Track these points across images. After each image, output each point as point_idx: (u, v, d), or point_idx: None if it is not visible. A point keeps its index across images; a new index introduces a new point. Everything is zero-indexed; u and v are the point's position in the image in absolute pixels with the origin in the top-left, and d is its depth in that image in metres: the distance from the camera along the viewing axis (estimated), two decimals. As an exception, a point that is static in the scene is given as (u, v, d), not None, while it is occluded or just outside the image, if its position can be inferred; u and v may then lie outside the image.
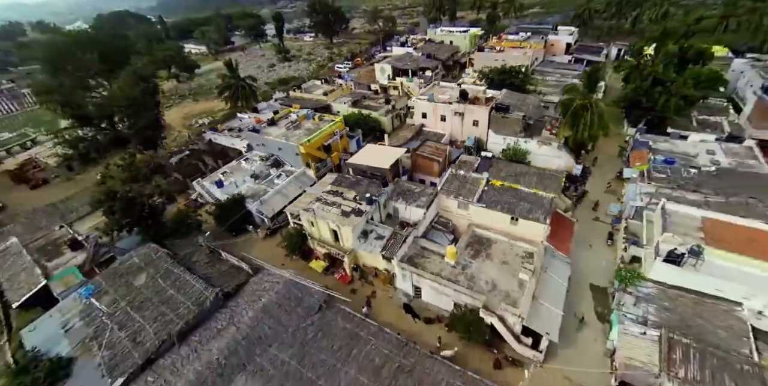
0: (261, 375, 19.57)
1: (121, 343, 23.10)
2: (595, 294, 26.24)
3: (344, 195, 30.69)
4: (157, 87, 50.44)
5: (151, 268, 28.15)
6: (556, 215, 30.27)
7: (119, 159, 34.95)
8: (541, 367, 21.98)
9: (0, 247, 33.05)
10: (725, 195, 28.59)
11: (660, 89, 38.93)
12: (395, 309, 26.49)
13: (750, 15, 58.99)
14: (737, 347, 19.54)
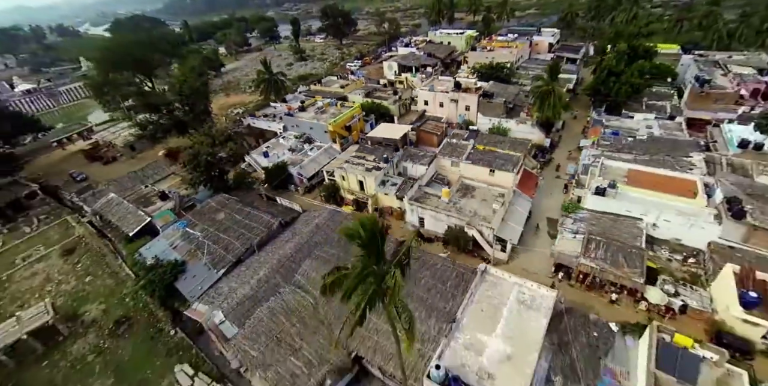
0: (320, 259, 29.85)
1: (216, 251, 33.47)
2: (550, 222, 36.42)
3: (366, 158, 41.06)
4: (208, 80, 60.99)
5: (226, 208, 38.58)
6: (525, 171, 40.57)
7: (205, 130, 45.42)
8: (506, 264, 32.21)
9: (103, 200, 43.65)
10: (649, 154, 38.75)
11: (613, 79, 49.01)
12: (406, 235, 36.72)
13: (704, 18, 69.09)
14: (632, 242, 29.69)
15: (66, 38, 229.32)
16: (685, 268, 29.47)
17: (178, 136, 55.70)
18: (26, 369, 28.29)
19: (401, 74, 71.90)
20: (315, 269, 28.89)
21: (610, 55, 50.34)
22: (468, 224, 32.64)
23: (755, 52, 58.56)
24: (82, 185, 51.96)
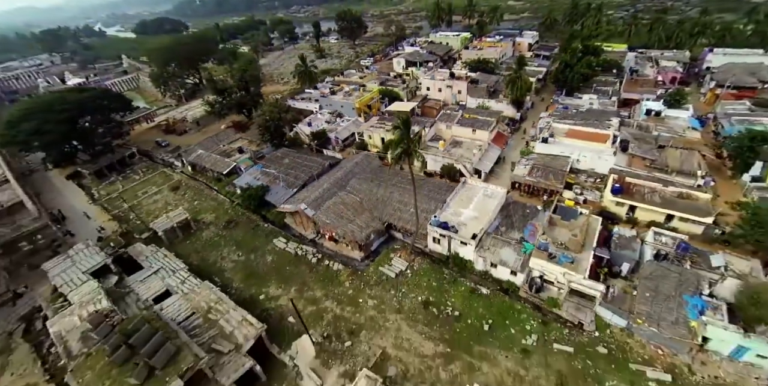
0: (360, 178, 46.60)
1: (287, 179, 50.19)
2: (512, 164, 53.13)
3: (385, 124, 57.81)
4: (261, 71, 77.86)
5: (289, 156, 55.40)
6: (499, 133, 57.30)
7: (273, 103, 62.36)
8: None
9: (194, 155, 60.47)
10: (584, 120, 55.42)
11: (569, 70, 65.73)
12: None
13: (653, 23, 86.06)
14: (561, 168, 46.30)
15: (93, 38, 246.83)
16: (594, 184, 46.11)
17: (237, 113, 72.47)
18: (176, 245, 44.92)
19: (408, 68, 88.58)
20: (359, 183, 45.69)
21: (567, 53, 67.05)
22: (456, 161, 49.41)
23: (684, 50, 75.44)
24: (166, 149, 68.97)
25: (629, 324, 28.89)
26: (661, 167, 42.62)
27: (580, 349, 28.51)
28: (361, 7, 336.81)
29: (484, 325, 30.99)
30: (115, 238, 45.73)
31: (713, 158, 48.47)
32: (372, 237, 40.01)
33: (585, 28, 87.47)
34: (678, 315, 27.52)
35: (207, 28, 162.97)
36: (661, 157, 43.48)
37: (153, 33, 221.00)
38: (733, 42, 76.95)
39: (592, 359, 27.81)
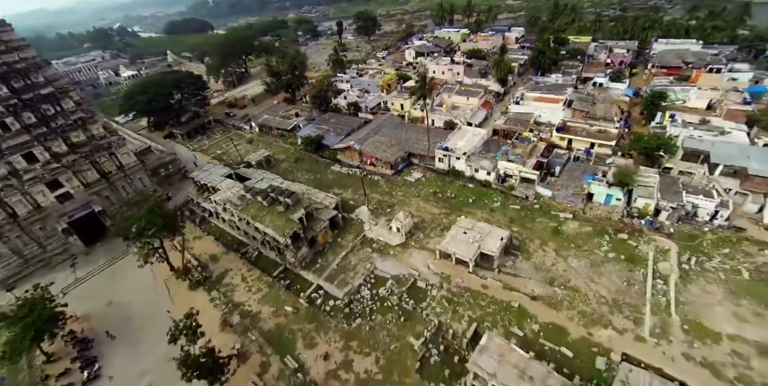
0: (389, 129, 67.76)
1: (336, 130, 71.41)
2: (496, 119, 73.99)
3: (403, 95, 78.91)
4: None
5: (333, 118, 76.64)
6: (486, 101, 78.23)
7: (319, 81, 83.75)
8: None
9: (261, 119, 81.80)
10: (548, 90, 76.08)
11: (541, 56, 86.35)
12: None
13: (618, 19, 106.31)
14: (526, 120, 67.07)
15: (127, 38, 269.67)
16: (549, 130, 66.77)
17: (285, 92, 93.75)
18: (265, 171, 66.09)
19: (417, 58, 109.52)
20: (387, 131, 66.91)
21: (541, 43, 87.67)
22: (454, 118, 70.41)
23: (634, 41, 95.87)
24: (234, 118, 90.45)
25: (553, 193, 49.77)
26: (591, 116, 63.29)
27: (524, 207, 49.42)
28: (369, 7, 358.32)
29: (469, 200, 51.98)
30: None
31: (638, 114, 69.14)
32: (398, 160, 61.13)
33: (558, 25, 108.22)
34: (578, 184, 48.41)
35: (242, 27, 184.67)
36: (592, 110, 64.15)
37: (182, 32, 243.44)
38: (676, 34, 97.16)
39: (531, 211, 48.70)
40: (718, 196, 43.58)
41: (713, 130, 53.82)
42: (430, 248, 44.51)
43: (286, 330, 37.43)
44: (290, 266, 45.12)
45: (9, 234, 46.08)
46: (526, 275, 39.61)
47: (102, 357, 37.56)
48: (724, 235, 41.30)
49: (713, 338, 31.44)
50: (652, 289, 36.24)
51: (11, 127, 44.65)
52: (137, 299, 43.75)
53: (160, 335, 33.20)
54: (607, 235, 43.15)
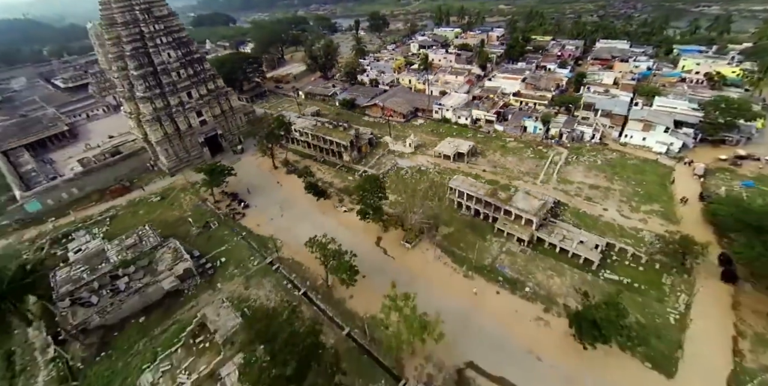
0: (400, 93, 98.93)
1: (363, 95, 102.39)
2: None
3: (410, 73, 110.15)
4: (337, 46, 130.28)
5: (360, 88, 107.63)
6: (469, 79, 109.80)
7: (347, 61, 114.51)
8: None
9: (307, 88, 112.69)
10: (513, 73, 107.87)
11: (512, 50, 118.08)
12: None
13: (575, 23, 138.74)
14: (498, 92, 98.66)
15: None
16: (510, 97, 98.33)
17: (320, 71, 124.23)
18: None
19: (420, 50, 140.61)
20: (400, 95, 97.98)
21: (512, 40, 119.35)
22: (446, 88, 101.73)
23: (580, 40, 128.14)
24: (282, 90, 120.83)
25: (504, 128, 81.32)
26: (537, 87, 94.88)
27: (486, 136, 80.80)
28: (374, 7, 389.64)
29: (452, 133, 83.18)
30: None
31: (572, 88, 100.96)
32: (408, 112, 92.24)
33: (528, 27, 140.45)
34: (519, 123, 79.98)
35: (273, 21, 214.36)
36: (538, 83, 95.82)
37: (209, 25, 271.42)
38: (615, 36, 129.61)
39: (490, 138, 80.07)
40: (596, 128, 75.33)
41: (608, 95, 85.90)
42: (428, 154, 75.61)
43: (350, 186, 68.09)
44: (346, 164, 75.87)
45: (174, 142, 76.19)
46: (482, 164, 70.86)
47: (247, 199, 67.90)
48: (595, 147, 72.99)
49: (570, 182, 63.04)
50: (547, 168, 67.76)
51: (181, 75, 74.74)
52: (254, 179, 73.92)
53: (274, 190, 63.88)
54: (531, 147, 74.70)
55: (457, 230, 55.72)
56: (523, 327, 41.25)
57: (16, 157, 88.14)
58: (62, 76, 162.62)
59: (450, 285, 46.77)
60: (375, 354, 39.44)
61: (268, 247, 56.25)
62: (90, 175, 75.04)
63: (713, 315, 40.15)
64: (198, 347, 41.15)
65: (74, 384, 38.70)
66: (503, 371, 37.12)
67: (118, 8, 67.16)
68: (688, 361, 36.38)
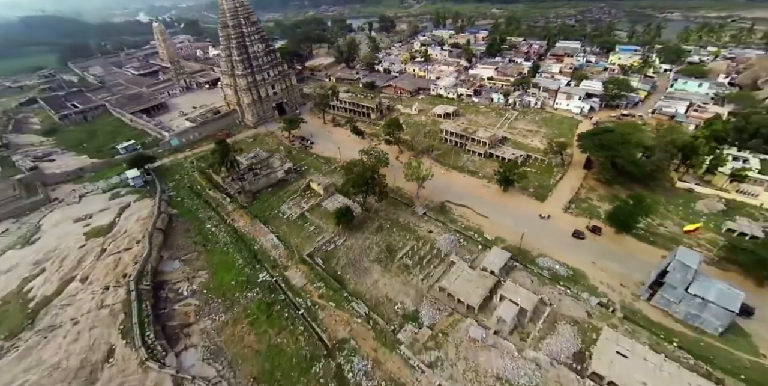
0: (407, 78, 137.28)
1: (379, 79, 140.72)
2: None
3: (415, 63, 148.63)
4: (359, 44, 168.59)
5: (377, 74, 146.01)
6: (459, 69, 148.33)
7: (365, 54, 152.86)
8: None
9: (336, 74, 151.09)
10: (491, 64, 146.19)
11: (491, 48, 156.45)
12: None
13: (544, 27, 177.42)
14: (476, 76, 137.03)
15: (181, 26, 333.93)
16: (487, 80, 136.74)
17: (345, 62, 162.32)
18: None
19: (421, 47, 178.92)
20: (408, 80, 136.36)
21: (491, 39, 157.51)
22: (440, 75, 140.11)
23: (544, 40, 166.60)
24: (316, 76, 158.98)
25: (478, 99, 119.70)
26: (505, 73, 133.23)
27: (467, 105, 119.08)
28: (377, 9, 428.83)
29: (444, 103, 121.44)
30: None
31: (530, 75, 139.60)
32: (413, 90, 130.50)
33: (506, 30, 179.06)
34: (489, 96, 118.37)
35: (297, 21, 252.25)
36: (506, 71, 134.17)
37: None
38: (573, 38, 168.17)
39: (469, 105, 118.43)
40: (538, 98, 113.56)
41: (552, 78, 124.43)
42: (427, 115, 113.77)
43: (377, 132, 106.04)
44: (372, 121, 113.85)
45: (257, 105, 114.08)
46: (462, 120, 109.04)
47: (312, 140, 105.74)
48: (537, 110, 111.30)
49: (515, 128, 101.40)
50: (503, 121, 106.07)
51: (264, 61, 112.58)
52: (311, 130, 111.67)
53: (327, 135, 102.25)
54: (495, 111, 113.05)
55: (443, 152, 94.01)
56: (475, 188, 79.57)
57: (138, 117, 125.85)
58: (132, 65, 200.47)
59: (438, 175, 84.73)
60: (398, 198, 77.65)
61: (330, 160, 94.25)
62: (201, 126, 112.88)
63: (572, 180, 78.66)
64: (307, 196, 79.15)
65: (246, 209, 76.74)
66: (465, 203, 75.23)
67: (230, 16, 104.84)
68: (552, 196, 74.84)
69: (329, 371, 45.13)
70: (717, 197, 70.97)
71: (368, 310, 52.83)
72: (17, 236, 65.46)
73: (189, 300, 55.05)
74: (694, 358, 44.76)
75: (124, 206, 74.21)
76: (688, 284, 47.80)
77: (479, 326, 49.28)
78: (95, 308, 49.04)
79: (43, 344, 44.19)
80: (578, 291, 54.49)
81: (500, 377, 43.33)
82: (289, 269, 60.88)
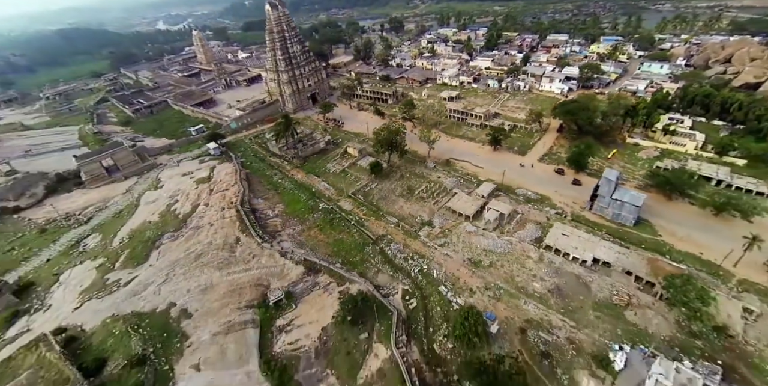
0: (416, 71, 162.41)
1: (393, 72, 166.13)
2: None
3: (424, 58, 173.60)
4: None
5: (391, 68, 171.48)
6: (461, 62, 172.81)
7: (379, 52, 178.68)
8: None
9: (356, 70, 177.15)
10: (489, 56, 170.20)
11: (489, 42, 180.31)
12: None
13: (534, 23, 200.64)
14: (476, 66, 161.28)
15: (208, 33, 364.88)
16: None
17: (363, 60, 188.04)
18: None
19: (428, 44, 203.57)
20: (417, 72, 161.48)
21: (489, 35, 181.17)
22: (445, 67, 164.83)
23: (536, 34, 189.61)
24: (339, 71, 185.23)
25: (477, 86, 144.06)
26: (500, 63, 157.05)
27: (467, 90, 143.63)
28: (386, 10, 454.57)
29: (448, 89, 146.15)
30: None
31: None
32: (423, 80, 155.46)
33: (502, 26, 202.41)
34: (486, 82, 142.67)
35: (314, 26, 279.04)
36: (501, 61, 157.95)
37: (258, 29, 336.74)
38: (563, 31, 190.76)
39: (468, 91, 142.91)
40: (526, 82, 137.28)
41: (539, 66, 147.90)
42: (435, 98, 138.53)
43: (394, 112, 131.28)
44: (391, 105, 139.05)
45: (296, 95, 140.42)
46: (463, 101, 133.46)
47: (342, 121, 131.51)
48: (525, 92, 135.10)
49: (506, 106, 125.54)
50: (496, 102, 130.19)
51: (301, 59, 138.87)
52: (341, 114, 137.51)
53: (353, 118, 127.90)
54: (490, 94, 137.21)
55: (448, 125, 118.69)
56: (473, 149, 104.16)
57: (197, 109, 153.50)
58: (175, 68, 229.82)
59: (443, 141, 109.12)
60: (413, 157, 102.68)
61: (359, 135, 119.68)
62: (252, 113, 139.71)
63: (547, 140, 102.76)
64: (345, 158, 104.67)
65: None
66: (465, 158, 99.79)
67: (275, 24, 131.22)
68: (531, 152, 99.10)
69: (376, 250, 70.47)
70: (654, 147, 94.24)
71: (397, 220, 78.13)
72: (147, 184, 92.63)
73: (275, 219, 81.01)
74: (613, 238, 68.78)
75: (212, 167, 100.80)
76: (612, 192, 71.65)
77: (472, 225, 74.10)
78: (220, 218, 75.15)
79: (197, 234, 70.37)
80: (542, 207, 78.83)
81: (485, 249, 68.09)
82: (340, 201, 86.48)
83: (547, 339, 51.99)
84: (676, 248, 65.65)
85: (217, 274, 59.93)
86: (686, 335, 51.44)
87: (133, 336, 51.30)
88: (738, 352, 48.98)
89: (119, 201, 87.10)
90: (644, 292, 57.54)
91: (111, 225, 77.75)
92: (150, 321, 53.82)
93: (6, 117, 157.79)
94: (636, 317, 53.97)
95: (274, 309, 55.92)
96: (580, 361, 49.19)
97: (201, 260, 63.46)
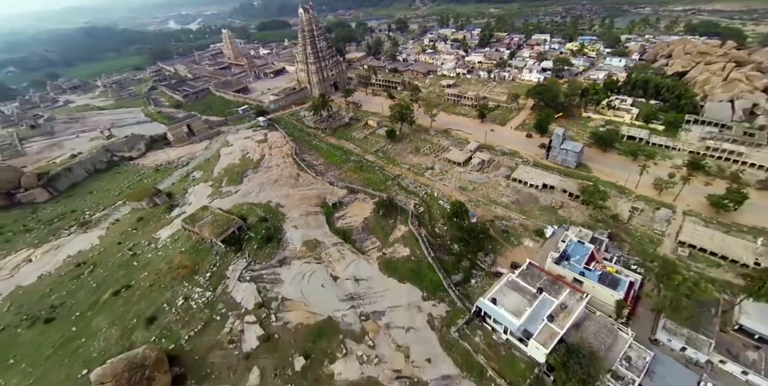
0: (420, 64, 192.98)
1: (399, 65, 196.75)
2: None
3: (427, 54, 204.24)
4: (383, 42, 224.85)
5: (399, 62, 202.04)
6: (458, 58, 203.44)
7: (387, 52, 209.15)
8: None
9: (368, 64, 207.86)
10: (481, 52, 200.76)
11: (482, 40, 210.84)
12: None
13: (524, 24, 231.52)
14: (471, 61, 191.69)
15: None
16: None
17: (373, 55, 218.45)
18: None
19: (430, 42, 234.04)
20: (421, 66, 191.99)
21: (483, 34, 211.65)
22: (444, 61, 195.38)
23: (522, 33, 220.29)
24: (353, 65, 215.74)
25: (470, 76, 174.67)
26: (490, 58, 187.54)
27: (462, 80, 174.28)
28: (389, 11, 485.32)
29: (446, 79, 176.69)
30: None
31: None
32: (425, 72, 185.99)
33: (494, 27, 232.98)
34: (478, 73, 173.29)
35: (326, 25, 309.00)
36: (491, 56, 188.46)
37: (272, 29, 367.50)
38: (546, 31, 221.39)
39: (463, 80, 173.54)
40: (510, 73, 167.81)
41: (522, 60, 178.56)
42: (436, 86, 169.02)
43: (403, 97, 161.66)
44: (400, 91, 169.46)
45: (321, 83, 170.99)
46: (459, 88, 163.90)
47: (361, 103, 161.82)
48: (509, 81, 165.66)
49: (492, 91, 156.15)
50: (484, 88, 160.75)
51: (326, 53, 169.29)
52: (360, 99, 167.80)
53: (369, 101, 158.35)
54: (481, 82, 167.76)
55: (446, 106, 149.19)
56: (465, 122, 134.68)
57: (237, 95, 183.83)
58: (205, 62, 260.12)
59: (442, 116, 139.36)
60: (419, 128, 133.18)
61: (376, 113, 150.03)
62: (286, 97, 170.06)
63: (522, 115, 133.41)
64: (366, 128, 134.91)
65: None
66: (458, 128, 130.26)
67: (306, 23, 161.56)
68: (509, 123, 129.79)
69: (394, 183, 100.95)
70: (601, 119, 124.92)
71: (409, 166, 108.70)
72: (220, 144, 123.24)
73: (319, 166, 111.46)
74: (560, 176, 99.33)
75: (265, 133, 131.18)
76: (560, 144, 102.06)
77: (462, 168, 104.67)
78: (282, 163, 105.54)
79: (268, 172, 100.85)
80: (513, 158, 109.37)
81: (470, 180, 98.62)
82: (366, 156, 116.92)
83: (507, 224, 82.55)
84: (602, 180, 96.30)
85: (291, 190, 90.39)
86: (593, 221, 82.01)
87: (256, 209, 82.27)
88: (622, 228, 79.61)
89: (204, 154, 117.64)
90: (572, 200, 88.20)
91: (206, 166, 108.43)
92: (262, 206, 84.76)
93: (77, 101, 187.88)
94: (564, 212, 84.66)
95: (332, 208, 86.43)
96: (525, 233, 79.78)
97: (278, 183, 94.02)
